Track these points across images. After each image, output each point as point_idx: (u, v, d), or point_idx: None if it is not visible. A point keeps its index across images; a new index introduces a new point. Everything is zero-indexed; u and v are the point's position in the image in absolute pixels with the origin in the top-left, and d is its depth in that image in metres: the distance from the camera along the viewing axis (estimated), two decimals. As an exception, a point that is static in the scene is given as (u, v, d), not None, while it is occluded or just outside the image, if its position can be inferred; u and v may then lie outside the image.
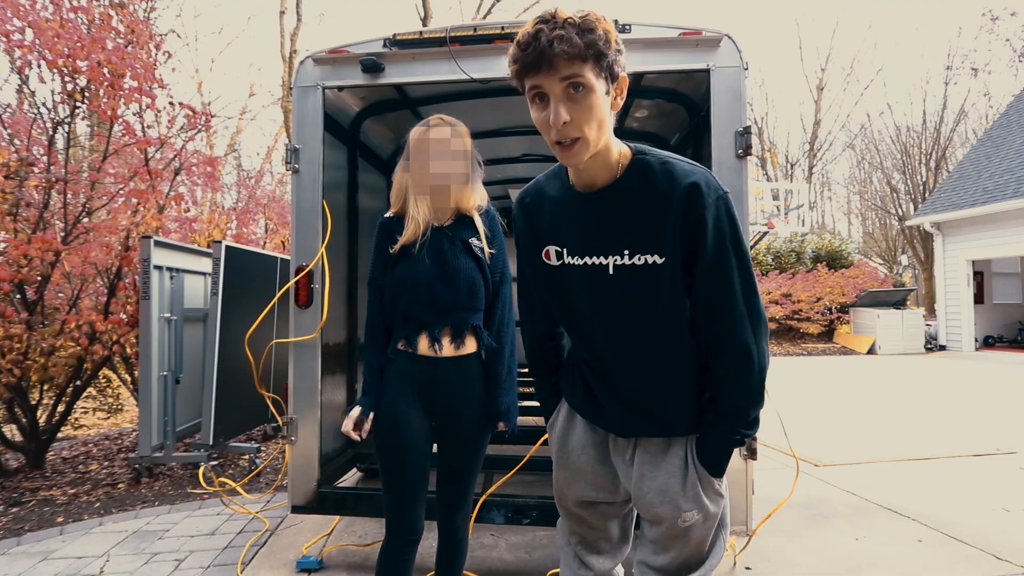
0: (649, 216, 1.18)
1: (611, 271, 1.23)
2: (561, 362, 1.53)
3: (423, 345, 1.79)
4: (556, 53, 1.04)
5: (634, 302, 1.24)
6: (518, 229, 1.43)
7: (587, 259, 1.26)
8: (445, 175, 1.77)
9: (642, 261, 1.20)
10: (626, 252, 1.21)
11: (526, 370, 2.39)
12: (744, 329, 1.20)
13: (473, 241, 1.85)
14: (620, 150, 1.21)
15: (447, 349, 1.80)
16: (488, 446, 1.94)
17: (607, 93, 1.12)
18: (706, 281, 1.20)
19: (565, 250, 1.29)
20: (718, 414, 1.25)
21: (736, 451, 2.45)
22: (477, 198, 1.89)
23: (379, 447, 1.78)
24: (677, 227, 1.16)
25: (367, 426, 1.80)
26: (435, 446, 1.90)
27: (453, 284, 1.79)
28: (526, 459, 2.88)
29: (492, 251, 1.88)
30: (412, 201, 1.82)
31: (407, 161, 1.83)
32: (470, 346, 1.84)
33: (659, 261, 1.19)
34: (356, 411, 1.80)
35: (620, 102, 1.17)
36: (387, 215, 1.92)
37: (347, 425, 1.79)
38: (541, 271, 1.37)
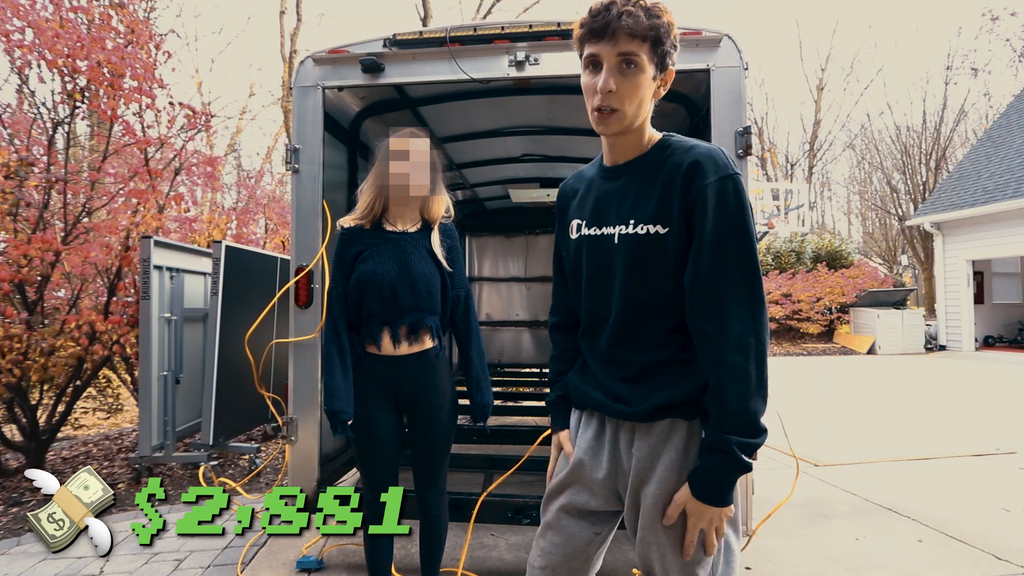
0: (660, 189, 1.20)
1: (616, 241, 1.25)
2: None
3: (386, 342, 1.97)
4: (621, 26, 1.12)
5: (633, 274, 1.22)
6: (557, 215, 1.45)
7: (596, 230, 1.29)
8: (422, 185, 1.98)
9: (644, 231, 1.20)
10: (631, 222, 1.22)
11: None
12: (743, 314, 1.13)
13: (435, 250, 2.04)
14: (652, 135, 1.27)
15: (404, 346, 1.98)
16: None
17: (654, 79, 1.19)
18: (703, 258, 1.16)
19: (584, 222, 1.32)
20: (714, 426, 1.13)
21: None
22: (442, 208, 2.10)
23: (354, 442, 2.03)
24: (680, 201, 1.18)
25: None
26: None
27: (413, 286, 1.96)
28: (524, 458, 2.88)
29: (452, 267, 2.07)
30: (382, 204, 2.01)
31: (385, 162, 1.99)
32: (426, 343, 2.01)
33: (662, 232, 1.19)
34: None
35: (662, 92, 1.24)
36: (347, 226, 2.04)
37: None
38: (565, 248, 1.39)
